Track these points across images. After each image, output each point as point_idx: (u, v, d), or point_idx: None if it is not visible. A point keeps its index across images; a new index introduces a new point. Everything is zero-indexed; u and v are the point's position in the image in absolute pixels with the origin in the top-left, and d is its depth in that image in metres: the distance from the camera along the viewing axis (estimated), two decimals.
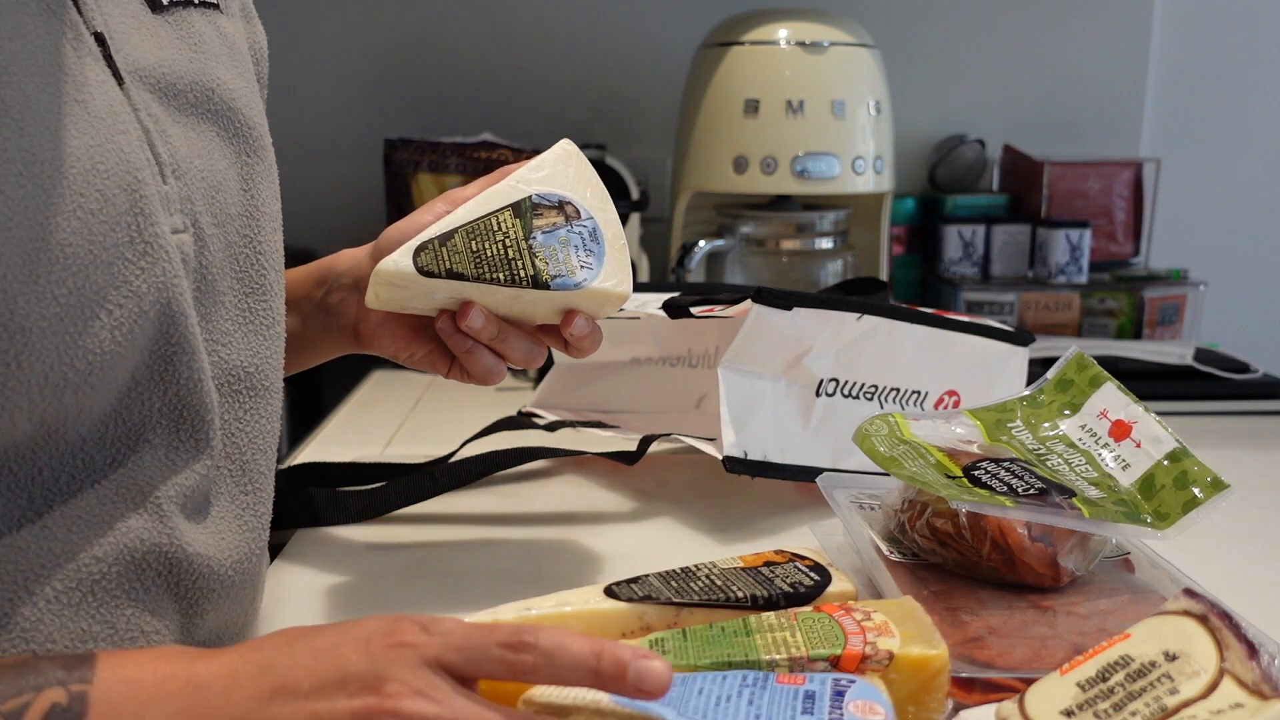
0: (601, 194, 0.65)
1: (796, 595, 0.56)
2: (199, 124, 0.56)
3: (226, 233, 0.56)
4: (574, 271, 0.62)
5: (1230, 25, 1.58)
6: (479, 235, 0.61)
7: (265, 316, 0.59)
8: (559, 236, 0.62)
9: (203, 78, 0.56)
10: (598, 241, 0.63)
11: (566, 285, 0.62)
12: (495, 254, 0.61)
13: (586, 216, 0.64)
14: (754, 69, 1.24)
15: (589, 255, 0.63)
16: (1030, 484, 0.62)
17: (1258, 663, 0.44)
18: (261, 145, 0.61)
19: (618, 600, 0.54)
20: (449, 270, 0.60)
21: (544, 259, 0.62)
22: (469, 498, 0.89)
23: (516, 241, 0.61)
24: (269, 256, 0.60)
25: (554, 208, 0.63)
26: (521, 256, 0.61)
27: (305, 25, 1.53)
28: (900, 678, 0.49)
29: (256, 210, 0.59)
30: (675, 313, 0.88)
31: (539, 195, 0.63)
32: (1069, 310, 1.38)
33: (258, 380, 0.58)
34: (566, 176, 0.65)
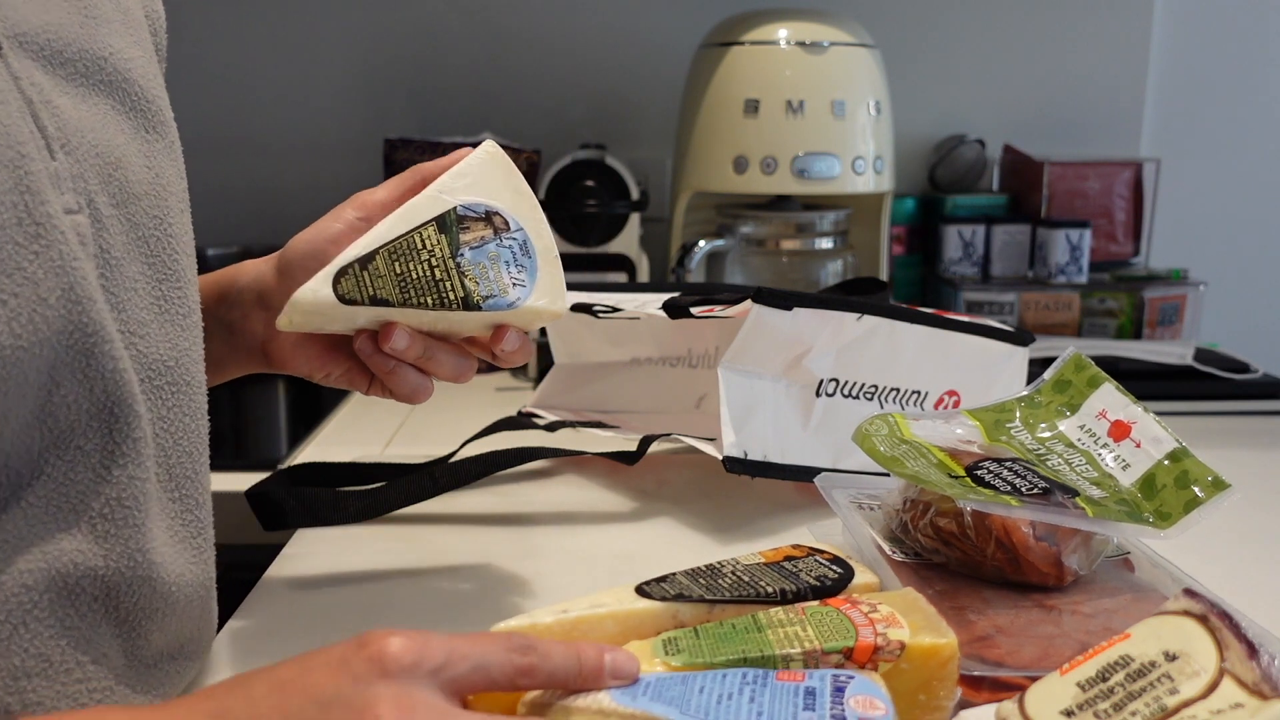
0: (530, 201, 0.61)
1: (823, 588, 0.56)
2: (91, 95, 0.51)
3: (131, 214, 0.51)
4: (506, 290, 0.58)
5: (1230, 25, 1.58)
6: (402, 255, 0.57)
7: (181, 305, 0.55)
8: (488, 252, 0.58)
9: (93, 45, 0.51)
10: (529, 255, 0.60)
11: (499, 306, 0.58)
12: (421, 275, 0.57)
13: (516, 228, 0.59)
14: (754, 69, 1.24)
15: (520, 271, 0.59)
16: (1034, 483, 0.62)
17: (1258, 662, 0.44)
18: (162, 121, 0.56)
19: (651, 599, 0.54)
20: (373, 297, 0.56)
21: (474, 278, 0.58)
22: (469, 498, 0.89)
23: (443, 260, 0.57)
24: (179, 240, 0.55)
25: (481, 219, 0.59)
26: (450, 277, 0.57)
27: (305, 25, 1.52)
28: (912, 667, 0.49)
29: (163, 190, 0.54)
30: (675, 313, 0.88)
31: (464, 206, 0.58)
32: (1069, 310, 1.38)
33: (179, 374, 0.54)
34: (493, 182, 0.60)
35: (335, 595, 0.71)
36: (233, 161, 1.53)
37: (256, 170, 1.54)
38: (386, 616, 0.68)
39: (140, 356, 0.51)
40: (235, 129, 1.53)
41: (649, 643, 0.50)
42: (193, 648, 0.55)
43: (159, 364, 0.52)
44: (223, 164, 1.54)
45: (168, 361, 0.53)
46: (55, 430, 0.46)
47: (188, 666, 0.55)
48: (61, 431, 0.46)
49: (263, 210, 1.53)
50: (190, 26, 1.47)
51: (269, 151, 1.54)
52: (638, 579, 0.57)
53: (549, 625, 0.52)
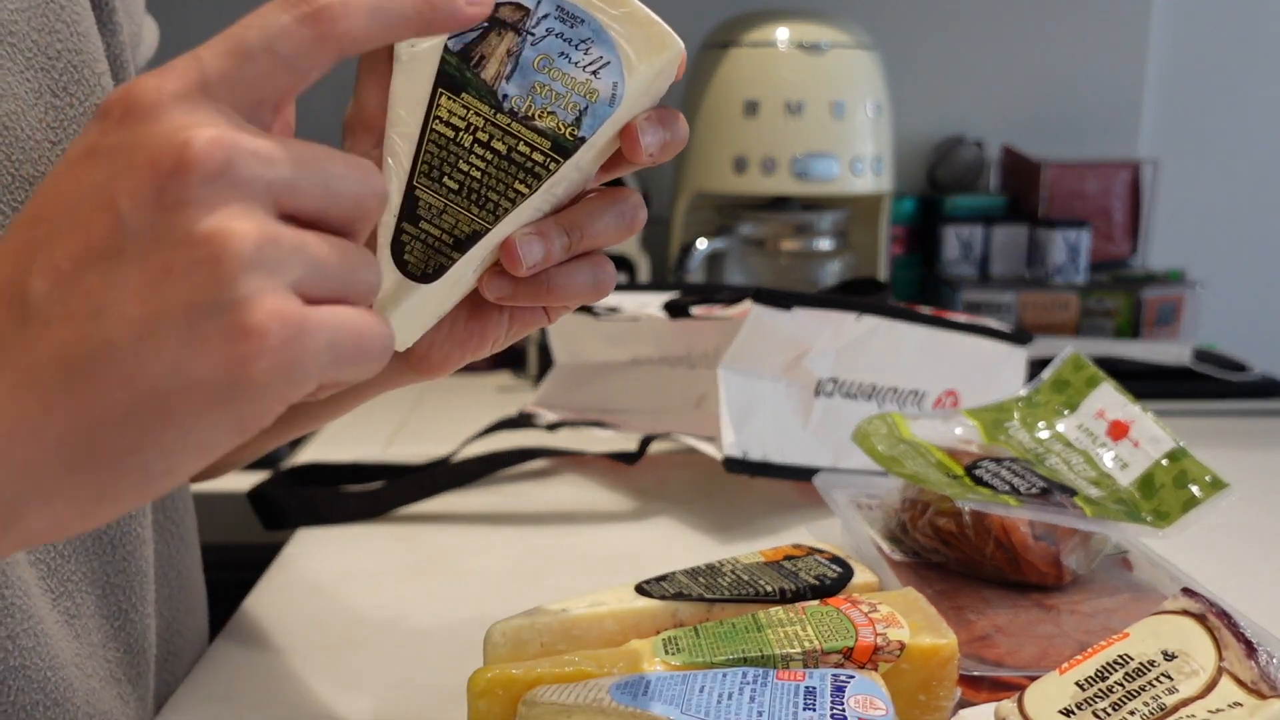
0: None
1: (823, 588, 0.56)
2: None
3: (17, 199, 0.42)
4: (592, 90, 0.40)
5: (1229, 25, 1.58)
6: (444, 164, 0.40)
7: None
8: (530, 63, 0.40)
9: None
10: (579, 19, 0.40)
11: (603, 115, 0.40)
12: (486, 166, 0.40)
13: (534, 1, 0.40)
14: (753, 70, 1.24)
15: (587, 47, 0.40)
16: (1033, 483, 0.62)
17: (1256, 662, 0.44)
18: (77, 79, 0.45)
19: (651, 599, 0.54)
20: (455, 242, 0.41)
21: (543, 111, 0.40)
22: (469, 498, 0.89)
23: (491, 124, 0.40)
24: None
25: (487, 32, 0.40)
26: (518, 138, 0.40)
27: None
28: (912, 667, 0.49)
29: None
30: (675, 313, 0.88)
31: (453, 36, 0.40)
32: (1067, 310, 1.39)
33: None
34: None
35: (335, 595, 0.71)
36: None
37: None
38: (387, 616, 0.68)
39: None
40: None
41: (649, 642, 0.50)
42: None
43: None
44: None
45: None
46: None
47: None
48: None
49: None
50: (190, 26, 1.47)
51: None
52: (638, 579, 0.57)
53: (548, 624, 0.52)
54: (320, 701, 0.57)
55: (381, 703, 0.57)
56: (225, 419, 0.28)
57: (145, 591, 0.52)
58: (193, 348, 0.27)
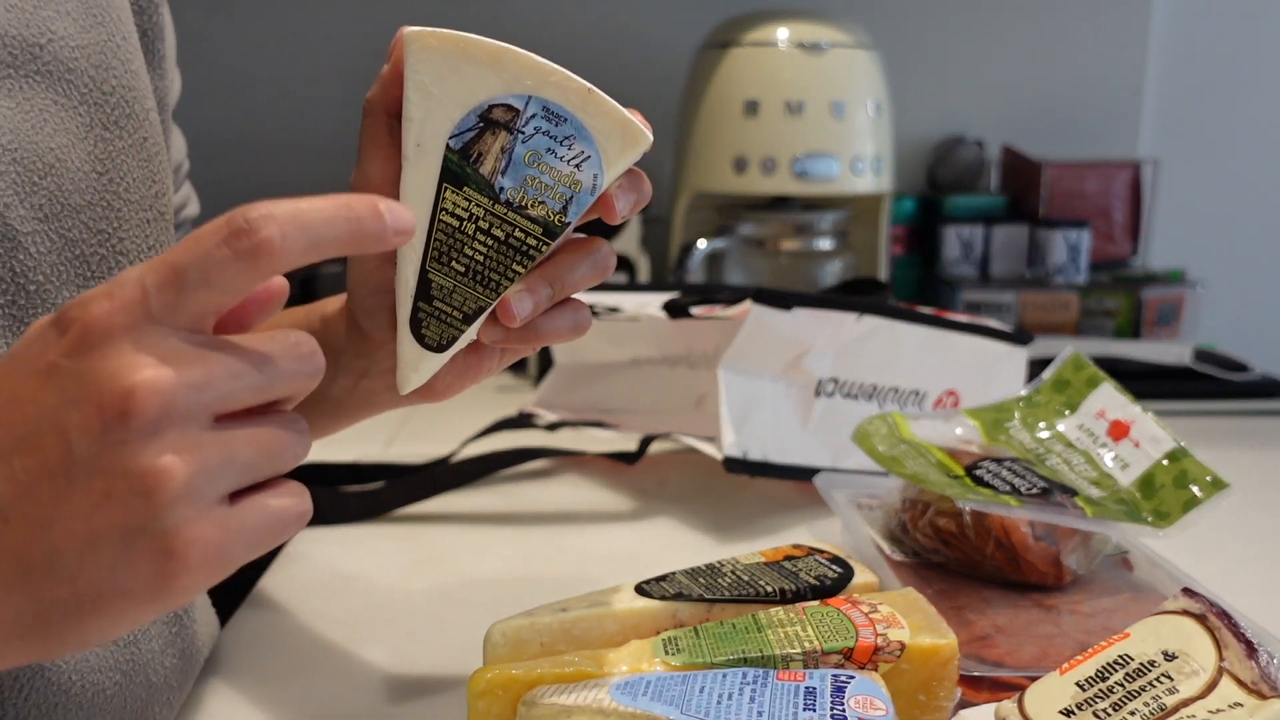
0: (507, 55, 0.45)
1: (823, 588, 0.56)
2: (21, 89, 0.44)
3: (65, 227, 0.44)
4: (575, 181, 0.45)
5: (1229, 25, 1.58)
6: (449, 250, 0.46)
7: None
8: (522, 159, 0.45)
9: (26, 30, 0.44)
10: (562, 118, 0.45)
11: (584, 203, 0.45)
12: (486, 252, 0.45)
13: (523, 102, 0.45)
14: (753, 70, 1.24)
15: (570, 144, 0.45)
16: (1033, 483, 0.62)
17: (1256, 662, 0.44)
18: (127, 114, 0.48)
19: (651, 599, 0.54)
20: (464, 317, 0.46)
21: (535, 201, 0.45)
22: (469, 498, 0.89)
23: (490, 214, 0.45)
24: (135, 257, 0.48)
25: (482, 131, 0.45)
26: (515, 225, 0.45)
27: (305, 25, 1.53)
28: (912, 668, 0.49)
29: (116, 199, 0.47)
30: (675, 313, 0.88)
31: (454, 137, 0.45)
32: (1067, 310, 1.39)
33: None
34: (457, 80, 0.45)
35: (335, 595, 0.71)
36: (232, 161, 1.53)
37: (256, 170, 1.54)
38: (387, 616, 0.68)
39: None
40: (235, 129, 1.53)
41: (649, 642, 0.50)
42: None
43: None
44: (222, 164, 1.54)
45: None
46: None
47: None
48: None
49: None
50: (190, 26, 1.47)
51: (269, 151, 1.55)
52: (638, 579, 0.57)
53: (548, 624, 0.52)
54: (321, 701, 0.57)
55: (381, 702, 0.57)
56: (152, 612, 0.33)
57: (200, 596, 0.54)
58: (126, 563, 0.32)
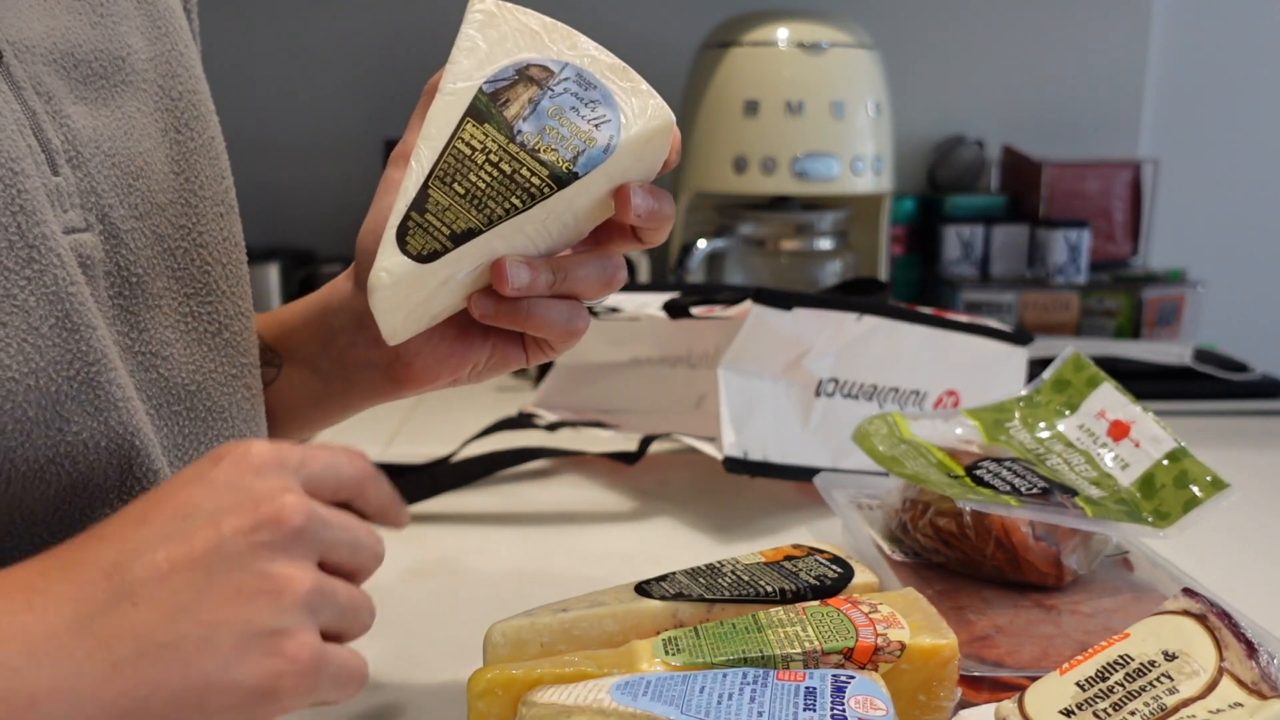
0: (558, 30, 0.49)
1: (823, 588, 0.56)
2: (111, 99, 0.48)
3: (155, 224, 0.48)
4: (591, 138, 0.47)
5: (1229, 25, 1.58)
6: (455, 173, 0.46)
7: (209, 322, 0.51)
8: (546, 110, 0.47)
9: (110, 45, 0.48)
10: (592, 85, 0.48)
11: (595, 159, 0.47)
12: (489, 180, 0.46)
13: (560, 66, 0.48)
14: (754, 69, 1.24)
15: (594, 106, 0.47)
16: (1033, 483, 0.62)
17: (1256, 662, 0.44)
18: (196, 116, 0.52)
19: (651, 599, 0.54)
20: (452, 234, 0.46)
21: (547, 147, 0.46)
22: (469, 498, 0.89)
23: (502, 150, 0.46)
24: (212, 249, 0.52)
25: (516, 82, 0.47)
26: (522, 164, 0.46)
27: (305, 25, 1.53)
28: (912, 668, 0.49)
29: (193, 195, 0.51)
30: (675, 313, 0.88)
31: (489, 82, 0.47)
32: (1068, 310, 1.39)
33: (200, 400, 0.50)
34: (505, 39, 0.48)
35: None
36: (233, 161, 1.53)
37: (256, 170, 1.54)
38: (387, 616, 0.68)
39: (160, 380, 0.48)
40: (235, 129, 1.52)
41: (649, 642, 0.50)
42: None
43: (179, 389, 0.49)
44: None
45: (189, 386, 0.50)
46: (74, 472, 0.43)
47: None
48: (80, 473, 0.43)
49: (263, 210, 1.53)
50: None
51: (269, 151, 1.55)
52: (638, 579, 0.57)
53: (548, 624, 0.52)
54: None
55: (382, 702, 0.57)
56: (246, 715, 0.35)
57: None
58: (240, 656, 0.35)
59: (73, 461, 0.43)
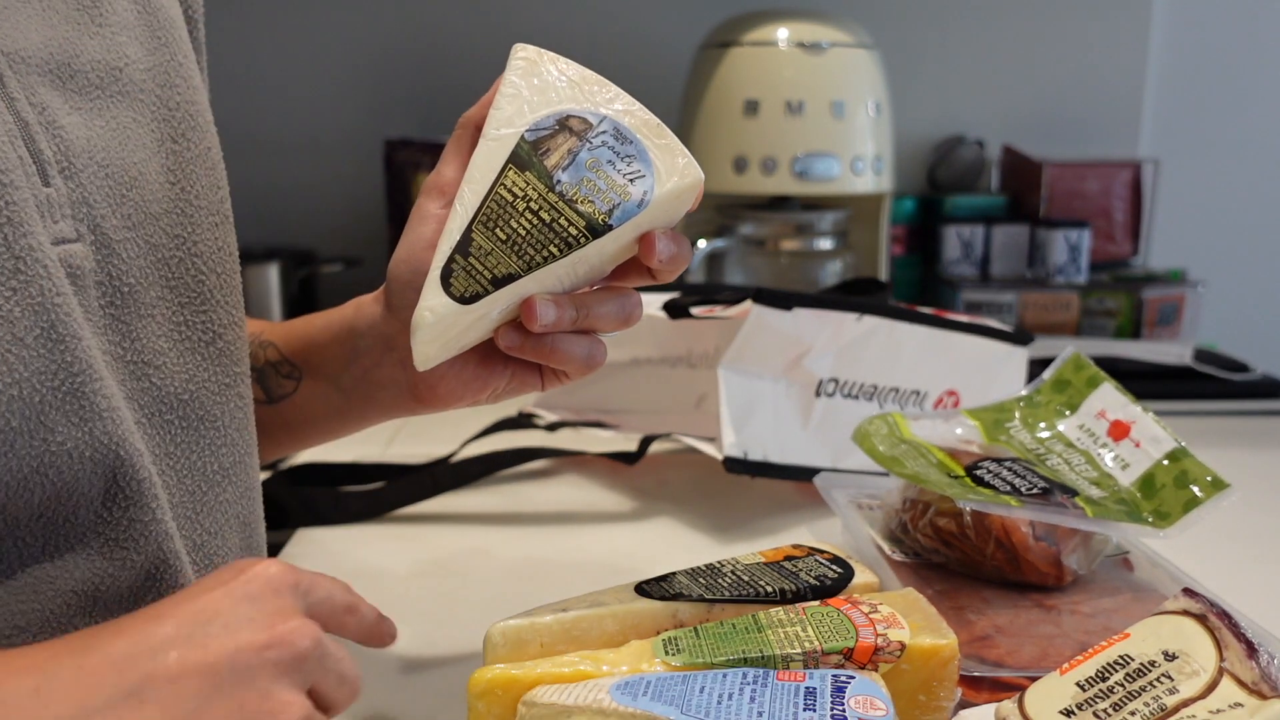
0: (595, 81, 0.52)
1: (823, 588, 0.56)
2: (106, 109, 0.48)
3: (148, 234, 0.49)
4: (626, 192, 0.50)
5: (1230, 25, 1.58)
6: (498, 218, 0.49)
7: (203, 331, 0.51)
8: (584, 163, 0.50)
9: (106, 55, 0.48)
10: (628, 140, 0.51)
11: (629, 213, 0.50)
12: (530, 228, 0.49)
13: (598, 119, 0.51)
14: (754, 69, 1.24)
15: (630, 161, 0.50)
16: (1033, 483, 0.62)
17: (1256, 662, 0.44)
18: (193, 126, 0.53)
19: (651, 599, 0.54)
20: (494, 279, 0.49)
21: (585, 199, 0.49)
22: (469, 498, 0.89)
23: (543, 198, 0.49)
24: (207, 259, 0.52)
25: (556, 132, 0.50)
26: (561, 213, 0.49)
27: (305, 25, 1.53)
28: (912, 668, 0.49)
29: (188, 205, 0.51)
30: (675, 313, 0.88)
31: (530, 129, 0.50)
32: (1068, 310, 1.39)
33: (192, 409, 0.51)
34: (546, 88, 0.51)
35: None
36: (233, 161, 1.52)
37: (256, 170, 1.54)
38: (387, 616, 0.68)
39: (151, 389, 0.49)
40: (235, 128, 1.52)
41: (649, 642, 0.50)
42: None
43: (171, 398, 0.50)
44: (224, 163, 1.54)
45: (181, 395, 0.50)
46: (58, 481, 0.43)
47: None
48: (64, 482, 0.43)
49: (263, 210, 1.53)
50: None
51: (269, 151, 1.55)
52: (638, 579, 0.57)
53: (549, 624, 0.52)
54: None
55: (381, 703, 0.57)
56: None
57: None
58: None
59: (56, 471, 0.43)
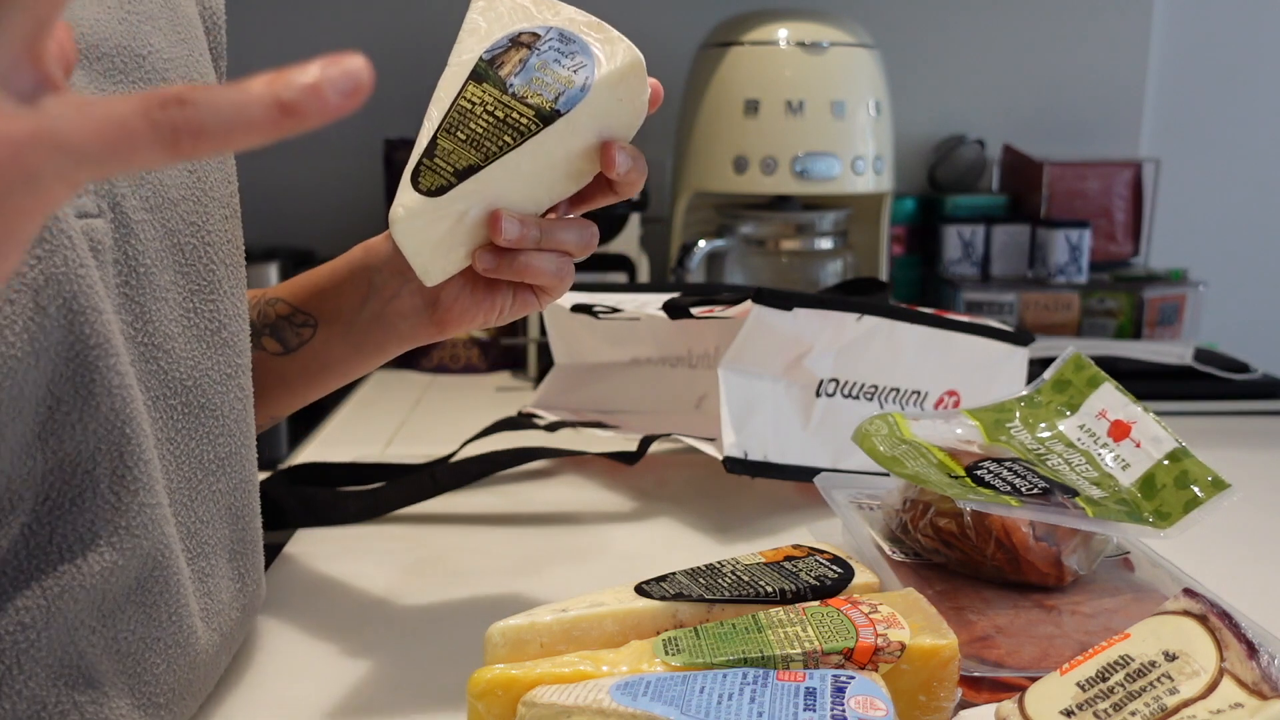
0: (545, 3, 0.58)
1: (823, 588, 0.56)
2: (128, 93, 0.48)
3: (165, 219, 0.50)
4: (570, 81, 0.55)
5: (1230, 25, 1.58)
6: (458, 124, 0.55)
7: (210, 319, 0.53)
8: (533, 66, 0.55)
9: (132, 42, 0.50)
10: (573, 40, 0.56)
11: (574, 98, 0.55)
12: (487, 126, 0.55)
13: (546, 30, 0.56)
14: (754, 69, 1.24)
15: (574, 58, 0.55)
16: (1034, 483, 0.62)
17: (1257, 662, 0.44)
18: None
19: (651, 599, 0.54)
20: (455, 170, 0.54)
21: (534, 93, 0.55)
22: (469, 498, 0.89)
23: (497, 100, 0.55)
24: (218, 249, 0.53)
25: (509, 49, 0.56)
26: (512, 109, 0.55)
27: (306, 25, 1.53)
28: (912, 668, 0.49)
29: (204, 195, 0.53)
30: (675, 313, 0.88)
31: (487, 51, 0.56)
32: (1069, 310, 1.38)
33: (196, 396, 0.51)
34: (502, 19, 0.57)
35: (335, 595, 0.71)
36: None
37: (256, 170, 1.54)
38: (387, 616, 0.68)
39: (158, 372, 0.49)
40: None
41: (649, 642, 0.50)
42: (206, 685, 0.53)
43: (176, 383, 0.50)
44: None
45: (185, 381, 0.51)
46: (60, 452, 0.43)
47: (195, 705, 0.53)
48: (67, 454, 0.43)
49: (263, 210, 1.53)
50: None
51: (269, 151, 1.54)
52: (638, 579, 0.57)
53: (548, 624, 0.52)
54: (320, 702, 0.57)
55: (382, 703, 0.57)
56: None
57: (258, 559, 0.59)
58: None
59: (59, 441, 0.43)
